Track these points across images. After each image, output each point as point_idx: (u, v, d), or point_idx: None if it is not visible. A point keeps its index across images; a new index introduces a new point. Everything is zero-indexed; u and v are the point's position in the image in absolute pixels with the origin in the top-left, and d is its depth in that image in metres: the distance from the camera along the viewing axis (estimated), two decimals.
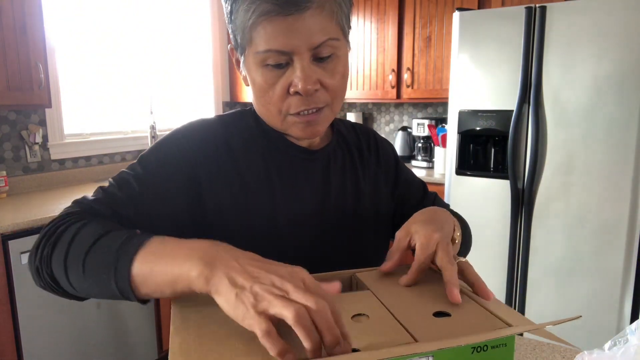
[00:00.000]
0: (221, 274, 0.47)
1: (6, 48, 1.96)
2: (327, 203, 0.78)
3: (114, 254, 0.53)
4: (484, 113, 2.22)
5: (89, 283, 0.55)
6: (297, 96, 0.66)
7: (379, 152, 0.89)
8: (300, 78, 0.64)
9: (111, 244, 0.55)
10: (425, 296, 0.54)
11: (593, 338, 2.06)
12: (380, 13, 3.06)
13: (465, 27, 2.22)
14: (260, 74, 0.66)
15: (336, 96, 0.70)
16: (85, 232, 0.58)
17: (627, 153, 1.92)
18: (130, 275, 0.52)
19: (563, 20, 1.99)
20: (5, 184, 2.22)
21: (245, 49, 0.67)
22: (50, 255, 0.58)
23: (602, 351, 0.56)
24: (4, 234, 1.76)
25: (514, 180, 2.16)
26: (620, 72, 1.90)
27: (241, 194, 0.72)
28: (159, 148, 0.71)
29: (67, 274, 0.57)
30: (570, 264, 2.08)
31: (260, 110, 0.74)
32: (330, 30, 0.65)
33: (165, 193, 0.68)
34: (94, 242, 0.56)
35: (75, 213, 0.63)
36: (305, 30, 0.62)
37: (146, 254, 0.53)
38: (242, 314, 0.44)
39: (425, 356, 0.42)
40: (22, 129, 2.38)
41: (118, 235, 0.56)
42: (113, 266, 0.53)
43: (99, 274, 0.54)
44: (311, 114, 0.68)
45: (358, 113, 3.54)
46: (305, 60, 0.64)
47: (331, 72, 0.67)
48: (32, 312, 1.84)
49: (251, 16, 0.62)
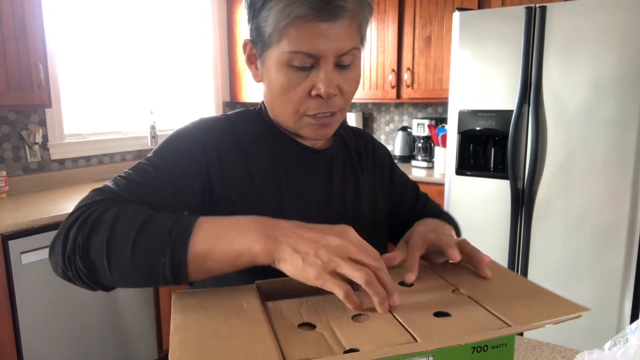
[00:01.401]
0: (284, 245, 0.52)
1: (6, 48, 1.96)
2: (330, 203, 0.79)
3: (166, 237, 0.54)
4: (484, 113, 2.22)
5: (135, 268, 0.54)
6: (317, 99, 0.69)
7: (376, 155, 0.91)
8: (324, 82, 0.66)
9: (161, 227, 0.55)
10: (426, 297, 0.54)
11: (593, 338, 2.06)
12: (380, 13, 3.06)
13: (465, 27, 2.22)
14: (284, 74, 0.68)
15: (348, 101, 0.73)
16: (125, 217, 0.56)
17: (627, 153, 1.92)
18: (187, 256, 0.53)
19: (563, 20, 1.99)
20: (5, 184, 2.22)
21: (270, 46, 0.68)
22: (86, 243, 0.55)
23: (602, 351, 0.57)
24: (4, 234, 1.76)
25: (514, 180, 2.16)
26: (620, 72, 1.90)
27: (249, 189, 0.74)
28: (173, 140, 0.73)
29: (109, 261, 0.54)
30: (570, 264, 2.08)
31: (274, 108, 0.75)
32: (356, 39, 0.68)
33: (182, 181, 0.69)
34: (141, 226, 0.55)
35: (103, 200, 0.60)
36: (335, 38, 0.65)
37: (202, 233, 0.54)
38: (314, 275, 0.49)
39: (425, 355, 0.42)
40: (22, 129, 2.38)
41: (165, 217, 0.56)
42: (168, 248, 0.53)
43: (151, 257, 0.53)
44: (326, 117, 0.71)
45: (358, 113, 3.54)
46: (329, 65, 0.67)
47: (349, 79, 0.70)
48: (32, 312, 1.84)
49: (287, 17, 0.63)
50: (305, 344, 0.45)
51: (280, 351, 0.43)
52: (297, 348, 0.44)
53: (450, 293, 0.55)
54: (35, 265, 1.84)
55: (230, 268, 0.54)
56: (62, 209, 1.98)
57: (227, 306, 0.53)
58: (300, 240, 0.52)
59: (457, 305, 0.51)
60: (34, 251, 1.84)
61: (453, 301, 0.52)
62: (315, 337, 0.46)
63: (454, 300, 0.53)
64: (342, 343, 0.45)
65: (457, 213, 2.35)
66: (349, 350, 0.43)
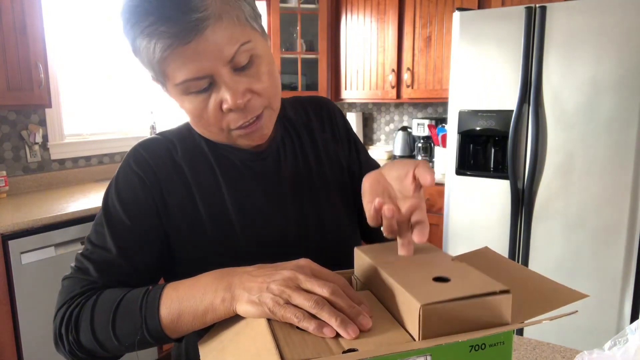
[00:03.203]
0: (239, 289, 0.52)
1: (6, 48, 1.96)
2: (285, 202, 0.76)
3: (138, 314, 0.58)
4: (484, 113, 2.22)
5: (126, 346, 0.60)
6: (232, 112, 0.65)
7: (333, 123, 0.86)
8: (229, 95, 0.62)
9: (131, 306, 0.59)
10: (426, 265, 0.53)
11: (593, 338, 2.06)
12: (380, 13, 3.06)
13: (465, 27, 2.22)
14: (189, 102, 0.65)
15: (271, 96, 0.68)
16: (101, 305, 0.62)
17: (627, 153, 1.92)
18: (160, 325, 0.57)
19: (563, 20, 1.99)
20: (5, 184, 2.22)
21: (163, 82, 0.66)
22: (77, 339, 0.62)
23: (602, 351, 0.57)
24: (4, 234, 1.76)
25: (514, 180, 2.16)
26: (620, 72, 1.90)
27: (194, 211, 0.71)
28: (117, 188, 0.70)
29: (102, 347, 0.61)
30: (570, 264, 2.08)
31: (202, 132, 0.71)
32: (239, 35, 0.62)
33: (142, 230, 0.69)
34: (115, 310, 0.60)
35: (80, 295, 0.65)
36: (213, 48, 0.59)
37: (169, 301, 0.57)
38: (270, 310, 0.48)
39: (423, 354, 0.42)
40: (22, 129, 2.38)
41: (134, 295, 0.60)
42: (142, 324, 0.58)
43: (131, 336, 0.59)
44: (252, 124, 0.67)
45: (358, 113, 3.54)
46: (226, 75, 0.62)
47: (256, 76, 0.65)
48: (32, 312, 1.84)
49: (154, 53, 0.59)
50: (303, 344, 0.45)
51: (279, 351, 0.43)
52: (296, 348, 0.44)
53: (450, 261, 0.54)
54: (35, 265, 1.84)
55: (201, 325, 0.56)
56: (62, 209, 1.98)
57: None
58: (253, 281, 0.51)
59: (457, 270, 0.50)
60: (34, 251, 1.84)
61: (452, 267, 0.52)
62: (314, 337, 0.46)
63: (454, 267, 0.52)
64: (340, 343, 0.45)
65: (457, 213, 2.35)
66: (347, 350, 0.43)
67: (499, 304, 0.45)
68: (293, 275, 0.50)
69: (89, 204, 2.09)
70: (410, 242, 0.55)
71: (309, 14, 3.29)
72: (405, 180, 0.56)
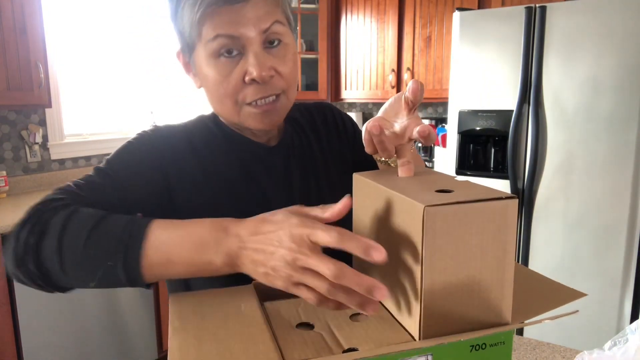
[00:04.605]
0: (242, 258, 0.50)
1: (6, 48, 1.96)
2: (291, 194, 0.78)
3: (117, 241, 0.53)
4: (484, 113, 2.22)
5: (89, 272, 0.53)
6: (253, 85, 0.67)
7: (338, 124, 0.89)
8: (255, 65, 0.65)
9: (114, 229, 0.54)
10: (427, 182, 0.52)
11: (593, 338, 2.06)
12: (380, 13, 3.06)
13: (465, 27, 2.22)
14: (213, 66, 0.67)
15: (290, 83, 0.71)
16: (78, 217, 0.55)
17: (627, 153, 1.92)
18: (140, 265, 0.52)
19: (563, 20, 1.99)
20: (5, 184, 2.22)
21: (194, 45, 0.68)
22: (37, 244, 0.54)
23: (602, 351, 0.57)
24: (4, 233, 1.76)
25: (514, 180, 2.16)
26: (620, 72, 1.90)
27: (208, 194, 0.72)
28: (130, 146, 0.72)
29: (62, 264, 0.54)
30: (570, 264, 2.08)
31: (215, 106, 0.73)
32: (276, 14, 0.67)
33: (140, 183, 0.68)
34: (93, 227, 0.54)
35: (58, 200, 0.60)
36: (252, 15, 0.64)
37: (156, 241, 0.53)
38: (282, 287, 0.47)
39: (424, 354, 0.42)
40: (22, 129, 2.38)
41: (118, 218, 0.55)
42: (121, 254, 0.52)
43: (104, 262, 0.52)
44: (268, 104, 0.69)
45: (358, 113, 3.54)
46: (256, 46, 0.65)
47: (282, 58, 0.68)
48: (32, 312, 1.84)
49: (198, 9, 0.63)
50: (303, 344, 0.45)
51: (280, 352, 0.43)
52: (296, 348, 0.44)
53: (453, 178, 0.53)
54: None
55: (191, 276, 0.54)
56: None
57: (225, 307, 0.53)
58: (256, 252, 0.49)
59: (461, 184, 0.49)
60: None
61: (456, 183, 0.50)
62: (314, 337, 0.46)
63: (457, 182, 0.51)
64: (340, 342, 0.45)
65: None
66: (347, 350, 0.43)
67: (505, 208, 0.43)
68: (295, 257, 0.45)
69: None
70: (410, 162, 0.55)
71: (309, 14, 3.29)
72: (396, 105, 0.58)
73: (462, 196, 0.43)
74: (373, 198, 0.52)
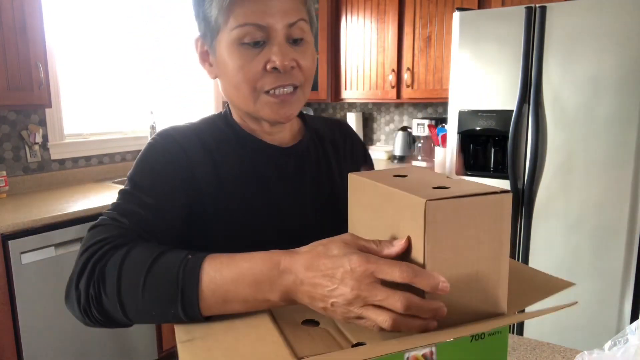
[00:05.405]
0: (300, 295, 0.49)
1: (6, 48, 1.96)
2: (302, 198, 0.78)
3: (174, 283, 0.53)
4: (484, 113, 2.22)
5: (151, 316, 0.56)
6: (274, 73, 0.68)
7: (353, 149, 0.92)
8: (278, 53, 0.67)
9: (167, 272, 0.54)
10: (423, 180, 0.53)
11: (593, 338, 2.06)
12: (380, 13, 3.06)
13: (465, 27, 2.22)
14: (236, 53, 0.68)
15: (308, 78, 0.73)
16: (132, 261, 0.56)
17: (627, 153, 1.92)
18: (199, 309, 0.53)
19: (563, 20, 1.99)
20: (5, 184, 2.22)
21: (218, 30, 0.69)
22: (99, 295, 0.56)
23: (602, 351, 0.57)
24: (4, 234, 1.76)
25: (514, 180, 2.16)
26: (620, 72, 1.90)
27: (220, 196, 0.72)
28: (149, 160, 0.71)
29: (123, 309, 0.56)
30: (570, 264, 2.08)
31: (231, 93, 0.74)
32: (302, 12, 0.70)
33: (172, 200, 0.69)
34: (147, 271, 0.55)
35: (109, 239, 0.60)
36: (280, 8, 0.67)
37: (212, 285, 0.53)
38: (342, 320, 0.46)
39: (428, 347, 0.42)
40: (22, 129, 2.38)
41: (169, 260, 0.55)
42: (179, 301, 0.53)
43: (163, 306, 0.54)
44: (286, 94, 0.70)
45: (358, 113, 3.54)
46: (281, 38, 0.68)
47: (303, 54, 0.71)
48: (32, 312, 1.84)
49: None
50: (312, 341, 0.45)
51: (291, 349, 0.43)
52: (306, 345, 0.44)
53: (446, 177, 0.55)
54: (35, 265, 1.84)
55: (249, 311, 0.54)
56: (62, 209, 1.98)
57: None
58: (314, 287, 0.47)
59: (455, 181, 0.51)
60: (34, 251, 1.84)
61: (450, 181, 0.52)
62: (321, 333, 0.46)
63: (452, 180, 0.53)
64: (347, 337, 0.45)
65: None
66: (356, 344, 0.44)
67: (500, 202, 0.45)
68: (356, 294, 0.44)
69: (89, 204, 2.09)
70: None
71: None
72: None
73: (459, 191, 0.45)
74: (370, 196, 0.53)
